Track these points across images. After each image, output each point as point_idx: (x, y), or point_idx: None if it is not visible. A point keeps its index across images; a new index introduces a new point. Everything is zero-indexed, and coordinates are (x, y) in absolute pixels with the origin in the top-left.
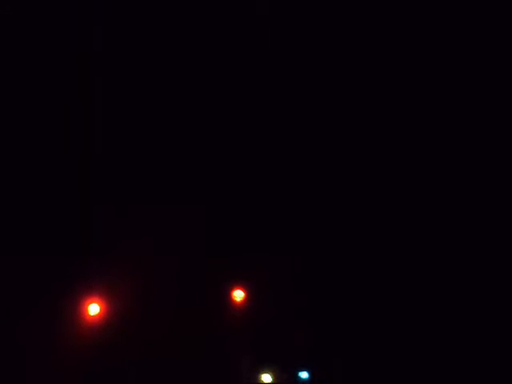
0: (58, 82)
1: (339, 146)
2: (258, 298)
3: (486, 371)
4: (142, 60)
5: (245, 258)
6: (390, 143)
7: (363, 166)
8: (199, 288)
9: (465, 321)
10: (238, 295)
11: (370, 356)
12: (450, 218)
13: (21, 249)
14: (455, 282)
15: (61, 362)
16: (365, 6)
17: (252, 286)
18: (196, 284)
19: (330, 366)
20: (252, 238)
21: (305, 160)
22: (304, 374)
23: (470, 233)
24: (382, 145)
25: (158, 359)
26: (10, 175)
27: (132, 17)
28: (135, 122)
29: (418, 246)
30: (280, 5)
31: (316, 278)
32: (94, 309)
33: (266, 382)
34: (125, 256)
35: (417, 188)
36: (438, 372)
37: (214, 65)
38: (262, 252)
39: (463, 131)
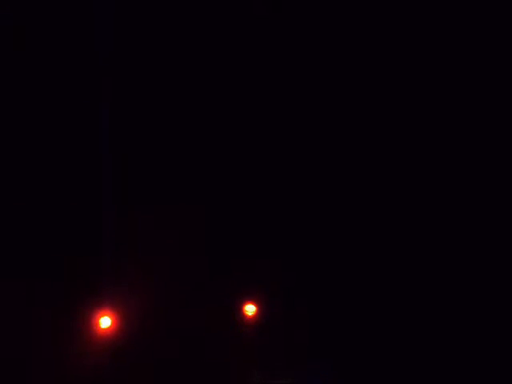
0: (66, 83)
1: (340, 148)
2: (269, 312)
3: (486, 371)
4: (143, 61)
5: (257, 271)
6: (389, 143)
7: (365, 170)
8: (212, 302)
9: (465, 321)
10: (250, 310)
11: (383, 368)
12: (449, 217)
13: (32, 261)
14: (455, 282)
15: (72, 374)
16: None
17: (264, 300)
18: (209, 298)
19: (339, 377)
20: (265, 250)
21: (309, 164)
22: None
23: (469, 233)
24: (382, 145)
25: (169, 373)
26: (22, 181)
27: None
28: (146, 125)
29: (418, 246)
30: (280, 5)
31: (329, 292)
32: (105, 322)
33: None
34: (137, 269)
35: (417, 188)
36: (438, 372)
37: (213, 65)
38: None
39: (463, 131)
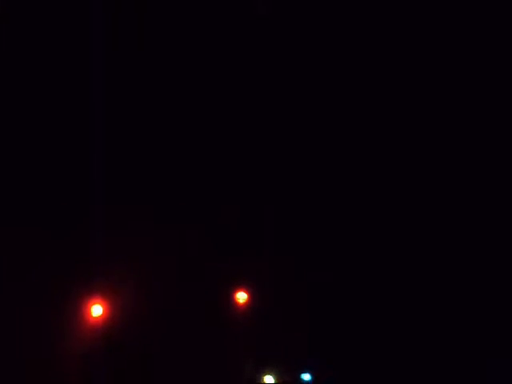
0: (61, 83)
1: (339, 148)
2: (260, 300)
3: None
4: (144, 62)
5: (248, 259)
6: (389, 143)
7: (363, 169)
8: (202, 289)
9: (464, 321)
10: (241, 297)
11: (372, 356)
12: (449, 217)
13: (23, 250)
14: (455, 282)
15: (63, 362)
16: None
17: (255, 288)
18: (198, 285)
19: (332, 368)
20: (255, 240)
21: (306, 161)
22: (306, 376)
23: (469, 232)
24: (382, 145)
25: (160, 360)
26: (12, 175)
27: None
28: (137, 123)
29: (418, 247)
30: (280, 5)
31: (319, 280)
32: (96, 310)
33: (268, 382)
34: (127, 257)
35: (417, 188)
36: (437, 371)
37: (213, 66)
38: (264, 253)
39: (463, 131)
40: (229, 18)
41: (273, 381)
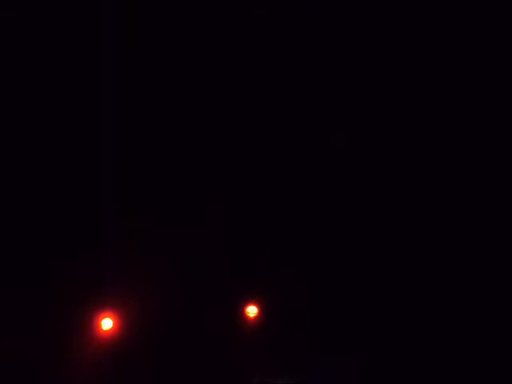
0: (68, 84)
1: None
2: (271, 314)
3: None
4: (145, 62)
5: (259, 272)
6: (389, 143)
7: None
8: (213, 303)
9: (464, 321)
10: (252, 311)
11: (382, 369)
12: (449, 217)
13: (32, 263)
14: (455, 282)
15: (73, 376)
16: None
17: (265, 302)
18: (209, 299)
19: (341, 381)
20: (267, 253)
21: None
22: None
23: (469, 233)
24: (382, 145)
25: (169, 373)
26: (21, 182)
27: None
28: (149, 124)
29: (417, 247)
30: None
31: (329, 294)
32: (107, 323)
33: None
34: (138, 270)
35: (417, 188)
36: (439, 372)
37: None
38: (276, 267)
39: (463, 131)
40: (229, 17)
41: None
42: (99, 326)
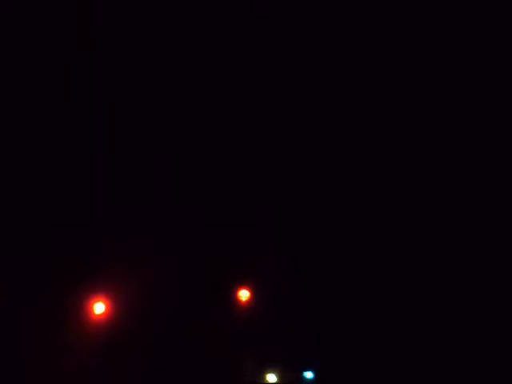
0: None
1: (340, 148)
2: (263, 298)
3: (486, 371)
4: (144, 61)
5: (250, 257)
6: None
7: (366, 169)
8: (204, 287)
9: (464, 321)
10: (244, 295)
11: (373, 355)
12: (449, 218)
13: (26, 249)
14: (455, 282)
15: (66, 360)
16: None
17: (257, 286)
18: (200, 283)
19: (334, 366)
20: (257, 238)
21: (307, 160)
22: (309, 374)
23: (469, 233)
24: (383, 145)
25: (161, 358)
26: (13, 176)
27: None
28: (136, 123)
29: (418, 247)
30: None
31: (321, 279)
32: (99, 308)
33: (270, 381)
34: (129, 255)
35: (417, 188)
36: (439, 372)
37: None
38: (267, 252)
39: (463, 131)
40: (228, 18)
41: (275, 380)
42: (91, 310)
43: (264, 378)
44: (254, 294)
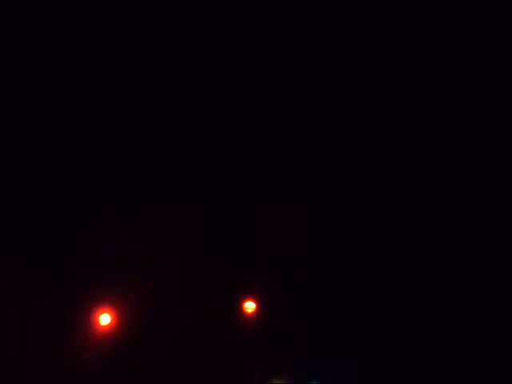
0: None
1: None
2: (269, 310)
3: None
4: (144, 61)
5: (257, 268)
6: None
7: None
8: (210, 298)
9: (465, 321)
10: (250, 306)
11: (380, 367)
12: (449, 218)
13: (31, 259)
14: (455, 282)
15: (71, 372)
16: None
17: (263, 297)
18: (207, 294)
19: (340, 377)
20: (264, 248)
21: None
22: None
23: (469, 233)
24: (383, 145)
25: (167, 369)
26: (16, 181)
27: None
28: (137, 124)
29: (418, 247)
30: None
31: (328, 290)
32: (104, 319)
33: None
34: (136, 266)
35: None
36: (440, 372)
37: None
38: (273, 263)
39: (463, 131)
40: (229, 18)
41: None
42: (97, 321)
43: None
44: (260, 305)
